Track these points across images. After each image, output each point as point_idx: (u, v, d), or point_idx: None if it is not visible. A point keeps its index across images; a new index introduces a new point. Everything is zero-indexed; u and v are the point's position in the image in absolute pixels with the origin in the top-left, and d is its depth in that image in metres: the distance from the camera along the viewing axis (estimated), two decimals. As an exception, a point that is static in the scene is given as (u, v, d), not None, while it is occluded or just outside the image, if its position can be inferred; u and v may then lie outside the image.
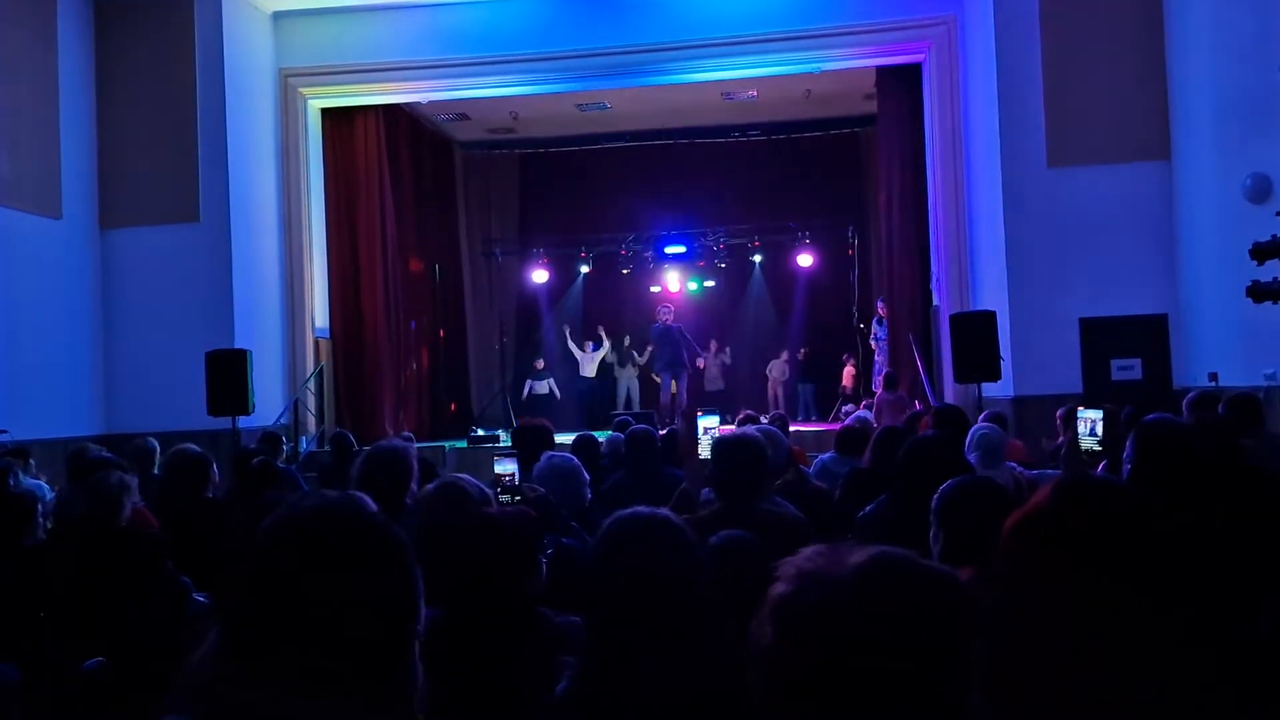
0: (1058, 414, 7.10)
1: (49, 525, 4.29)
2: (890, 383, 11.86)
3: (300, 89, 12.06)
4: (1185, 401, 5.50)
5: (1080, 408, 4.47)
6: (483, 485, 3.24)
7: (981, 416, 6.95)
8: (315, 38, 11.88)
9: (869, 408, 11.57)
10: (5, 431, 8.83)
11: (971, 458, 4.55)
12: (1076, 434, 4.24)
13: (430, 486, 3.23)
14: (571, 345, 15.88)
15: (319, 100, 12.37)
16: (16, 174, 9.68)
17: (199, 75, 10.89)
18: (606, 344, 15.86)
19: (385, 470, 3.60)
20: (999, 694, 1.64)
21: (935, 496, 2.57)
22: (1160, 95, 9.57)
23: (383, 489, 3.55)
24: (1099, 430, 4.92)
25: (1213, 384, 8.05)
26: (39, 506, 4.24)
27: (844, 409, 13.19)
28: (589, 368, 15.84)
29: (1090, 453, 4.30)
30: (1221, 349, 8.58)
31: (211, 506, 4.94)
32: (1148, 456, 2.37)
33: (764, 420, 9.11)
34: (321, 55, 11.89)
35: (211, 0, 10.92)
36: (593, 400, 15.66)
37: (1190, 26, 9.11)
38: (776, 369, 16.03)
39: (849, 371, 15.36)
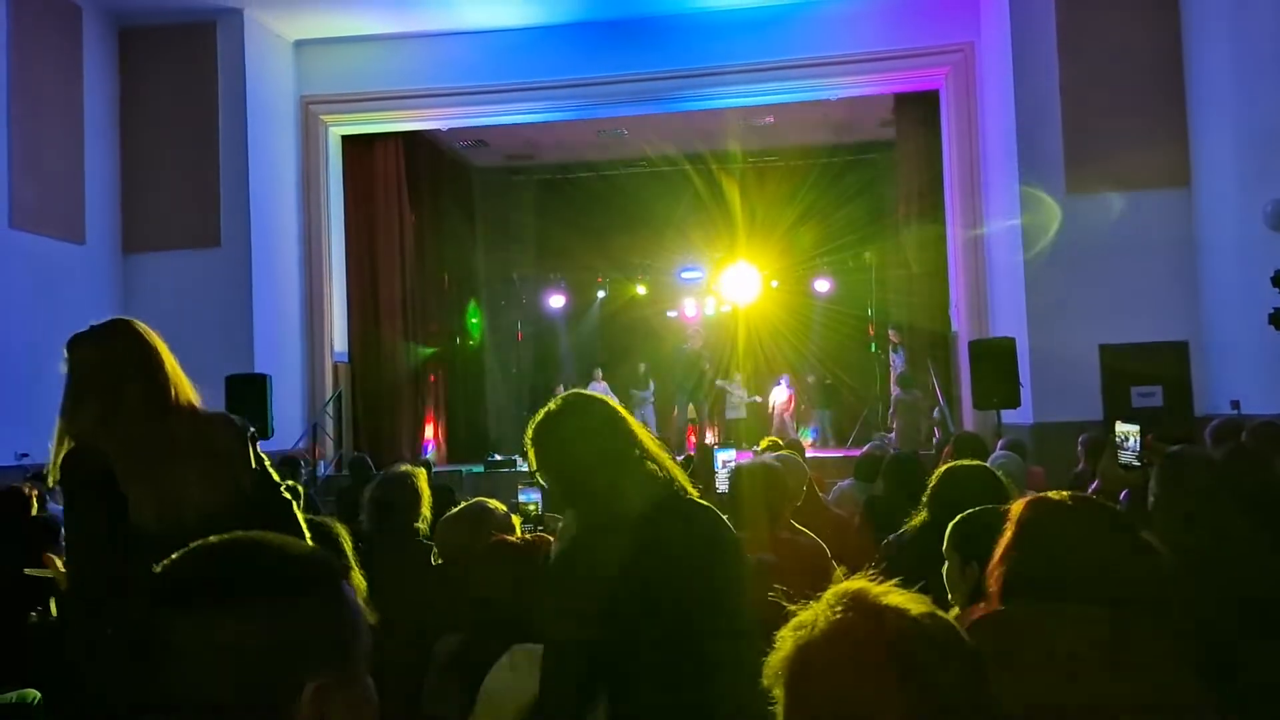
0: (1080, 440, 7.05)
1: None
2: (905, 382, 11.85)
3: (321, 116, 12.18)
4: (1208, 429, 5.46)
5: (1119, 422, 4.43)
6: (506, 511, 3.26)
7: (999, 444, 6.91)
8: (336, 66, 12.02)
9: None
10: (26, 455, 8.89)
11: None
12: (1116, 449, 4.21)
13: (454, 510, 3.26)
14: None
15: (340, 127, 12.49)
16: (42, 200, 9.80)
17: (221, 102, 11.02)
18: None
19: (396, 495, 3.64)
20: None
21: (955, 527, 2.53)
22: (1180, 122, 9.55)
23: (395, 513, 3.59)
24: (1138, 445, 4.88)
25: (1235, 411, 7.99)
26: (60, 531, 4.27)
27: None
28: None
29: (1128, 467, 4.26)
30: (1243, 376, 8.51)
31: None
32: (1173, 488, 2.35)
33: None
34: (342, 83, 12.02)
35: (234, 29, 11.07)
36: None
37: (1210, 52, 9.10)
38: (777, 397, 15.99)
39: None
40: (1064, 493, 1.96)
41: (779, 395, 16.00)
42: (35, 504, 4.98)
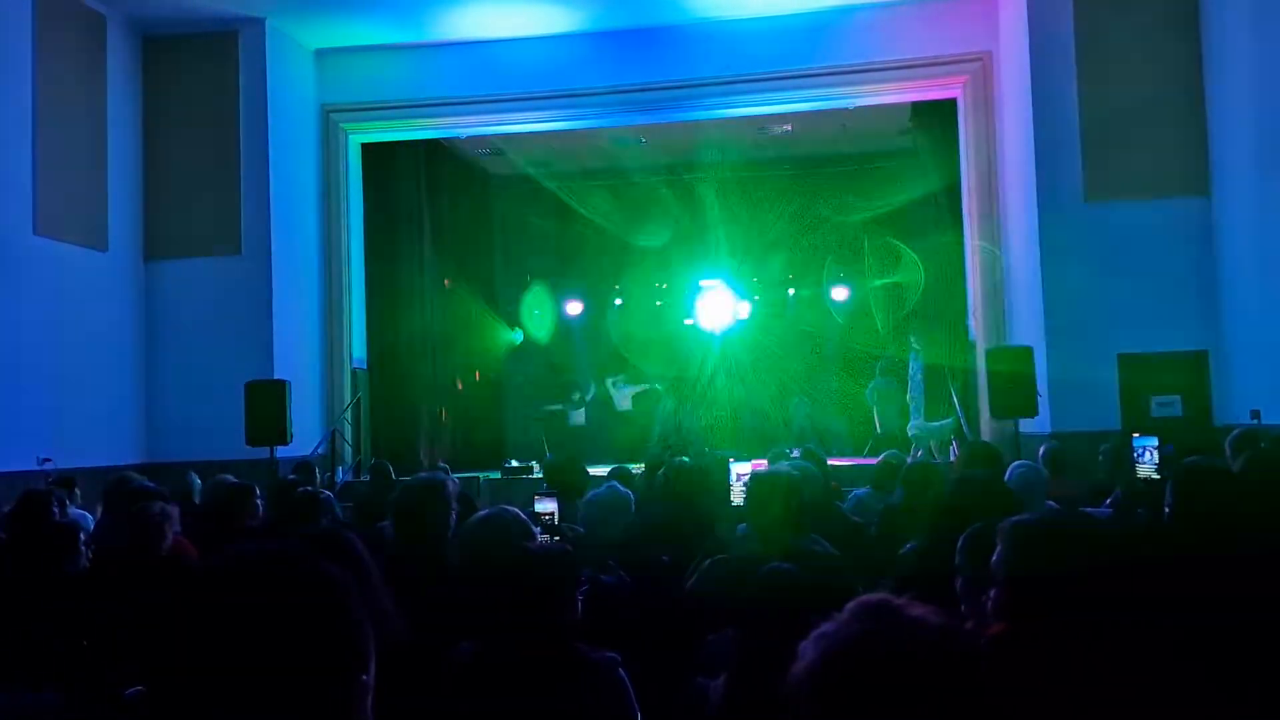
0: (1100, 451, 7.01)
1: (91, 553, 4.35)
2: (883, 370, 12.08)
3: (341, 124, 12.27)
4: (1228, 439, 5.43)
5: (1136, 435, 4.42)
6: (527, 519, 3.27)
7: (1040, 451, 6.88)
8: (356, 74, 12.10)
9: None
10: (49, 460, 8.97)
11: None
12: (1133, 464, 4.20)
13: (476, 516, 3.26)
14: (610, 387, 16.07)
15: (360, 135, 12.57)
16: (66, 207, 9.90)
17: (243, 111, 11.11)
18: (633, 388, 16.05)
19: (424, 502, 3.63)
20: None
21: (965, 542, 2.49)
22: (1199, 130, 9.50)
23: (421, 521, 3.58)
24: (1157, 458, 4.85)
25: (1255, 421, 7.93)
26: (81, 535, 4.31)
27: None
28: (624, 402, 15.95)
29: (1148, 480, 4.25)
30: (1263, 386, 8.45)
31: (251, 536, 4.98)
32: (1187, 500, 2.35)
33: (795, 454, 9.07)
34: (362, 91, 12.11)
35: (256, 38, 11.17)
36: (624, 432, 15.69)
37: (1230, 60, 9.06)
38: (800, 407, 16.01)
39: None
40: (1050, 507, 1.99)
41: (801, 405, 15.94)
42: (57, 508, 5.03)
